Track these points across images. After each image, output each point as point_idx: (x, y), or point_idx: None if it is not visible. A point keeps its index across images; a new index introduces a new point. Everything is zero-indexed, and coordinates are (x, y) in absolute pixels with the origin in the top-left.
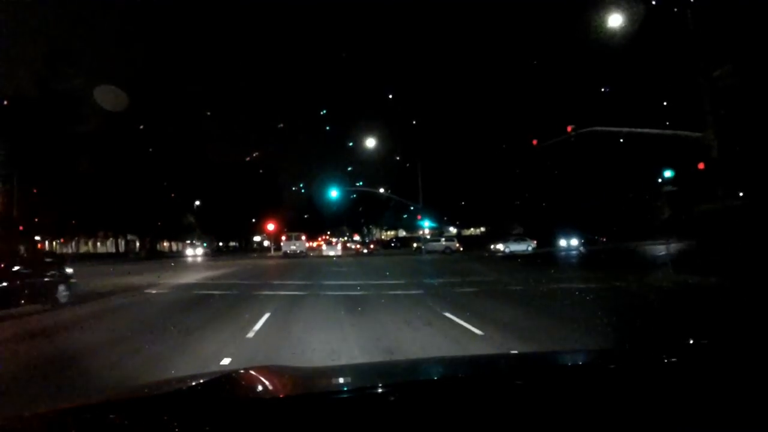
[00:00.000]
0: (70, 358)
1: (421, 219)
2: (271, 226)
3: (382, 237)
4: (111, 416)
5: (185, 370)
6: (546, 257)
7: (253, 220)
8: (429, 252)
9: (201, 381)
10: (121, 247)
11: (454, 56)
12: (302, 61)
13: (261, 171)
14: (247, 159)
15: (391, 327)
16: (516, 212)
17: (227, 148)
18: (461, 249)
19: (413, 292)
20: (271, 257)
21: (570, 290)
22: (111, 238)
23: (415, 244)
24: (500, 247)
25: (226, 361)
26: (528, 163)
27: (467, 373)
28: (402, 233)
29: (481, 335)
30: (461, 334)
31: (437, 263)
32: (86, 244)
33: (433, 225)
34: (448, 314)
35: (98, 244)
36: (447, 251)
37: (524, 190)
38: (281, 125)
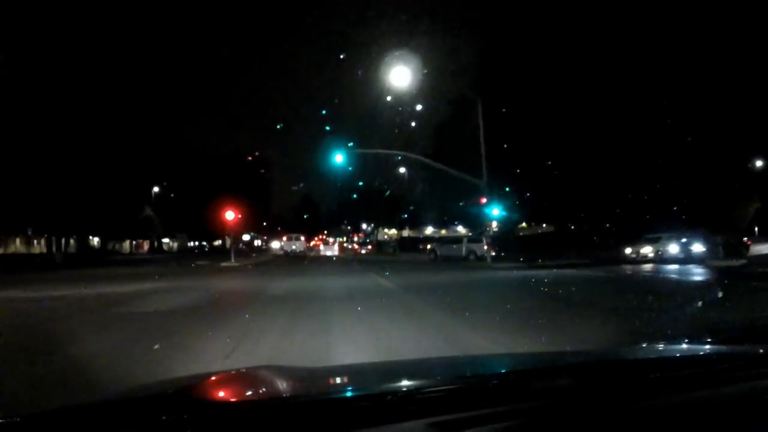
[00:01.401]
0: None
1: (488, 204)
2: (230, 215)
3: (386, 236)
4: (110, 416)
5: None
6: None
7: (239, 217)
8: (445, 257)
9: (201, 381)
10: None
11: None
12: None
13: (250, 160)
14: (249, 159)
15: None
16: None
17: (221, 144)
18: (493, 254)
19: None
20: (221, 271)
21: None
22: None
23: (429, 246)
24: (647, 251)
25: None
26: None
27: (470, 374)
28: (405, 233)
29: None
30: None
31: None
32: (13, 243)
33: (504, 214)
34: None
35: (34, 242)
36: (471, 257)
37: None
38: (280, 125)
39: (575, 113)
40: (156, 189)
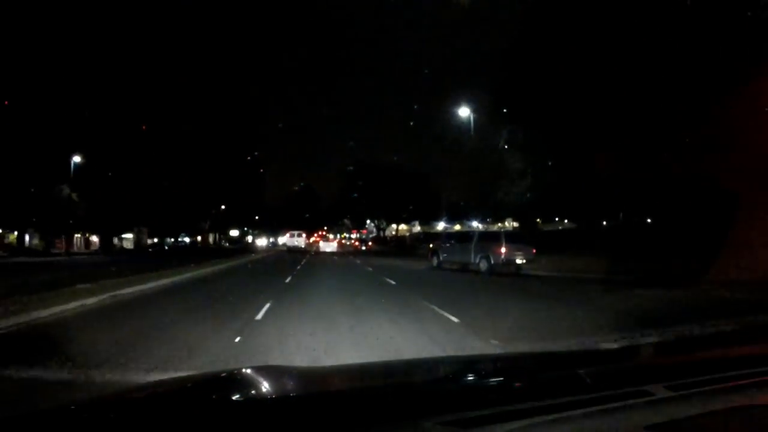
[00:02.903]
0: None
1: None
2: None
3: (395, 232)
4: (111, 416)
5: None
6: None
7: (223, 207)
8: (462, 267)
9: (201, 381)
10: None
11: None
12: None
13: (232, 139)
14: (248, 158)
15: None
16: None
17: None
18: (522, 262)
19: None
20: None
21: None
22: None
23: (431, 245)
24: None
25: None
26: None
27: (471, 374)
28: (416, 228)
29: None
30: None
31: None
32: None
33: None
34: None
35: None
36: (482, 266)
37: None
38: (281, 124)
39: None
40: (77, 159)
